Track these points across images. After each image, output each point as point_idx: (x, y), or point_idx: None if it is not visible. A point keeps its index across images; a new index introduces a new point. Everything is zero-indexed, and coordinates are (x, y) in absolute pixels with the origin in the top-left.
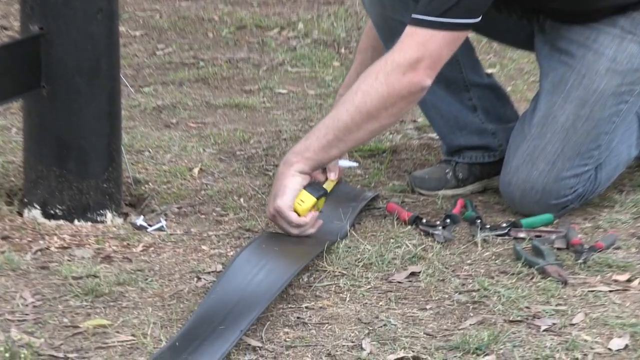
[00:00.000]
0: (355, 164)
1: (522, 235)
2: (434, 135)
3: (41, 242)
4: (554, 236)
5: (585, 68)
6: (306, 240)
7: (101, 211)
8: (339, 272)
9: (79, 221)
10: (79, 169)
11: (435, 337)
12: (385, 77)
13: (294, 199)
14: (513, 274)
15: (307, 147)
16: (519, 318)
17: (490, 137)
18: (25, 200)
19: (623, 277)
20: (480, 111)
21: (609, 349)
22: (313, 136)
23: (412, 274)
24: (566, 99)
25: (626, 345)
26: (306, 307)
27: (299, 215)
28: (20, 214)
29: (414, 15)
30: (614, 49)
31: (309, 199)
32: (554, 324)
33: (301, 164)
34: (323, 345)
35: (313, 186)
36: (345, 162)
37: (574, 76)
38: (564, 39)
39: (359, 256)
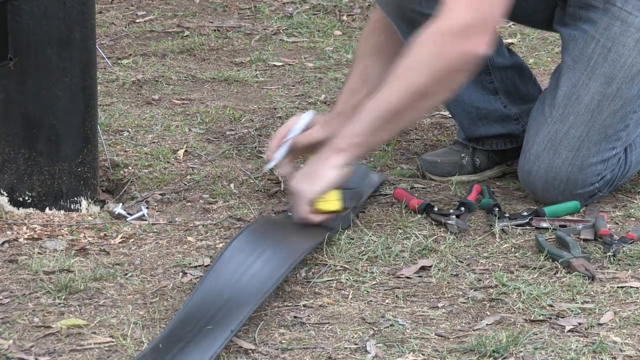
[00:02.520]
0: None
1: (544, 225)
2: (447, 113)
3: (8, 232)
4: (580, 226)
5: (610, 41)
6: (307, 227)
7: (75, 198)
8: (341, 266)
9: (50, 209)
10: (50, 150)
11: (448, 338)
12: (433, 50)
13: (321, 193)
14: (535, 268)
15: (356, 132)
16: (541, 317)
17: (513, 124)
18: None
19: None
20: (502, 94)
21: None
22: (358, 122)
23: (422, 268)
24: (590, 76)
25: None
26: (304, 306)
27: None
28: None
29: None
30: None
31: (333, 204)
32: (579, 323)
33: (349, 153)
34: (323, 348)
35: (348, 192)
36: None
37: (598, 50)
38: (586, 3)
39: (363, 248)
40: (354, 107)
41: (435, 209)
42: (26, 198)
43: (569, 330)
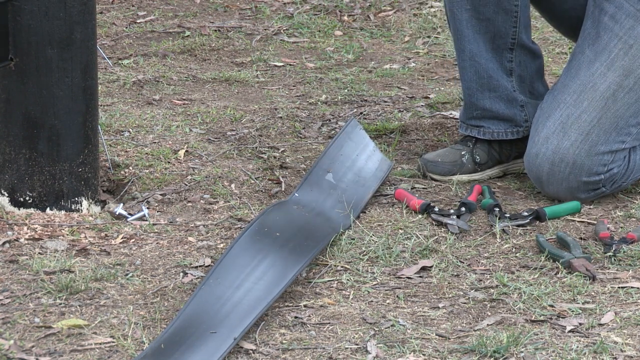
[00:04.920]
0: None
1: None
2: (448, 113)
3: (9, 232)
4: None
5: (633, 39)
6: (313, 223)
7: (76, 198)
8: (342, 266)
9: (51, 209)
10: (51, 151)
11: (449, 338)
12: None
13: None
14: (535, 268)
15: None
16: (541, 317)
17: (517, 109)
18: None
19: None
20: (515, 77)
21: None
22: None
23: (423, 268)
24: (609, 67)
25: None
26: (305, 306)
27: None
28: None
29: None
30: None
31: None
32: (580, 324)
33: None
34: (324, 348)
35: None
36: None
37: (620, 45)
38: (614, 3)
39: (363, 249)
40: None
41: (436, 209)
42: (27, 198)
43: (569, 331)
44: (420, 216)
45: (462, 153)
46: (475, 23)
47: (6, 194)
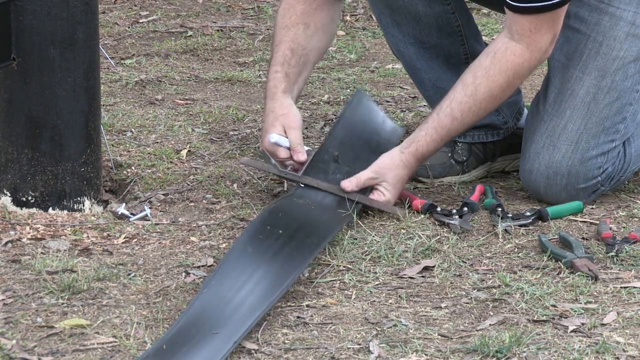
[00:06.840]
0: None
1: None
2: None
3: (12, 232)
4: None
5: (601, 35)
6: (313, 222)
7: (78, 198)
8: (344, 266)
9: (53, 209)
10: (53, 151)
11: (451, 338)
12: (526, 69)
13: None
14: (538, 268)
15: (424, 151)
16: (544, 317)
17: (493, 115)
18: None
19: None
20: None
21: None
22: (430, 142)
23: (425, 268)
24: (584, 71)
25: None
26: (307, 306)
27: None
28: None
29: (531, 5)
30: (632, 12)
31: None
32: (582, 324)
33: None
34: (326, 348)
35: None
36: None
37: (590, 44)
38: (574, 1)
39: (366, 249)
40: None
41: (439, 209)
42: (29, 198)
43: (572, 331)
44: (422, 216)
45: (449, 155)
46: (424, 52)
47: (8, 194)
